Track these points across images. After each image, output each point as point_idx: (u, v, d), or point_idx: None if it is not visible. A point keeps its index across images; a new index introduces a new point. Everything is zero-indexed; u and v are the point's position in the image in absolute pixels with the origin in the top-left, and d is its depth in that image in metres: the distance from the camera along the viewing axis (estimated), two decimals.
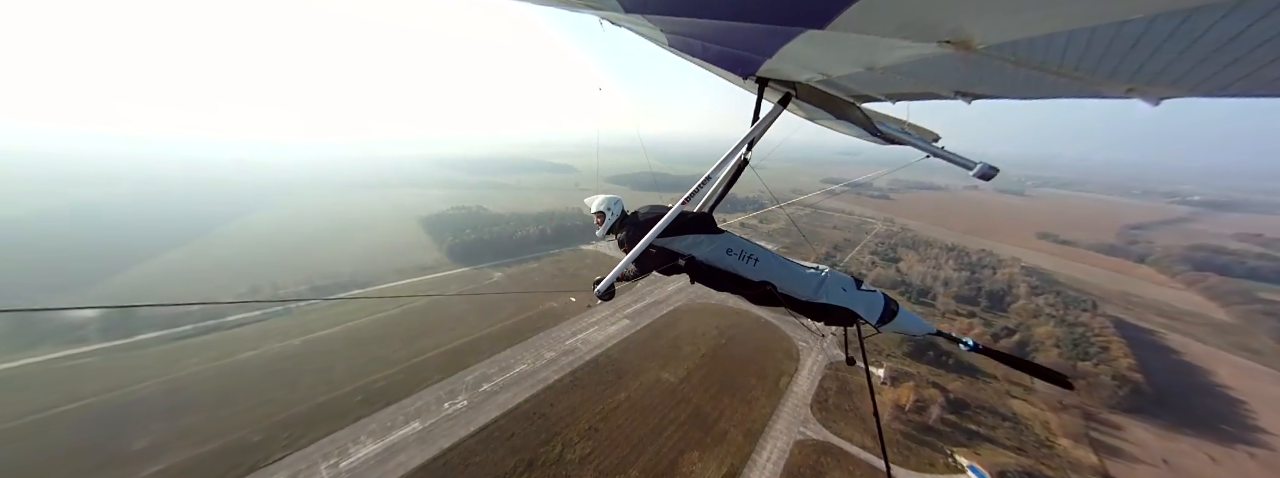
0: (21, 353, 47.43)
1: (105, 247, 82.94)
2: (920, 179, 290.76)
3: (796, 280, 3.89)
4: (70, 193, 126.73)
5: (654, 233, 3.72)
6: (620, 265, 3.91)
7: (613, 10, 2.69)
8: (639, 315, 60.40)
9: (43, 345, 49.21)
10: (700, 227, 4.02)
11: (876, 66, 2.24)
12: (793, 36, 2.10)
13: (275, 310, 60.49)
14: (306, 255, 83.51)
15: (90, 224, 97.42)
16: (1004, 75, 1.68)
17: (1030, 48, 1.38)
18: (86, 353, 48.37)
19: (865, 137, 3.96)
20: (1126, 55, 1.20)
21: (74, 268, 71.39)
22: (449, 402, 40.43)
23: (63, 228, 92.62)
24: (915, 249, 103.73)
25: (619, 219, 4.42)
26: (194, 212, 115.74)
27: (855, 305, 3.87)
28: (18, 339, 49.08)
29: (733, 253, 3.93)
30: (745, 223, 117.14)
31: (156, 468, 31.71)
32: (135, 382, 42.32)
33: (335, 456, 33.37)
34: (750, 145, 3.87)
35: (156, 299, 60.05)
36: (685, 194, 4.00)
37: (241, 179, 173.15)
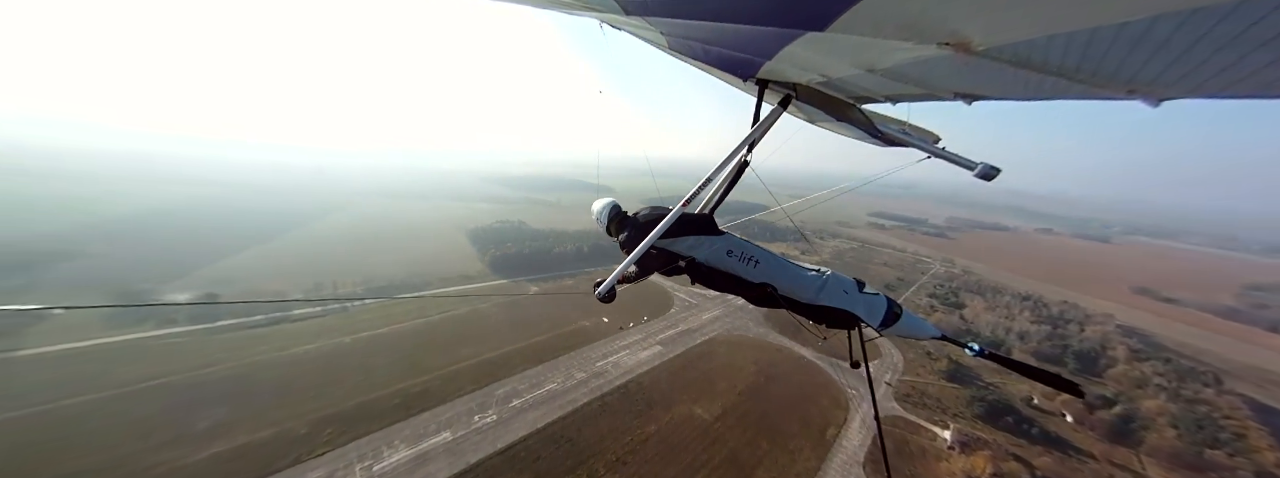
0: (129, 329, 54.12)
1: (202, 240, 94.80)
2: (983, 218, 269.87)
3: (797, 282, 3.87)
4: (175, 191, 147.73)
5: (655, 234, 3.73)
6: (621, 267, 3.91)
7: (613, 13, 2.69)
8: (672, 343, 58.77)
9: (146, 323, 55.99)
10: (701, 228, 4.03)
11: (876, 68, 2.23)
12: (793, 39, 2.07)
13: (333, 308, 65.22)
14: (364, 258, 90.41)
15: (190, 220, 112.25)
16: (1004, 77, 1.65)
17: (1030, 49, 1.37)
18: (177, 333, 54.23)
19: (866, 138, 3.93)
20: (1127, 56, 1.21)
21: (174, 258, 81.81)
22: (479, 414, 40.68)
23: (168, 223, 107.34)
24: (981, 295, 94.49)
25: (619, 221, 4.46)
26: (278, 213, 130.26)
27: (856, 308, 3.84)
28: (129, 315, 56.20)
29: (733, 254, 3.92)
30: (786, 253, 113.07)
31: (214, 450, 34.02)
32: (210, 365, 46.60)
33: (370, 458, 34.19)
34: (750, 147, 3.82)
35: (238, 291, 66.73)
36: (686, 196, 4.01)
37: (318, 185, 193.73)
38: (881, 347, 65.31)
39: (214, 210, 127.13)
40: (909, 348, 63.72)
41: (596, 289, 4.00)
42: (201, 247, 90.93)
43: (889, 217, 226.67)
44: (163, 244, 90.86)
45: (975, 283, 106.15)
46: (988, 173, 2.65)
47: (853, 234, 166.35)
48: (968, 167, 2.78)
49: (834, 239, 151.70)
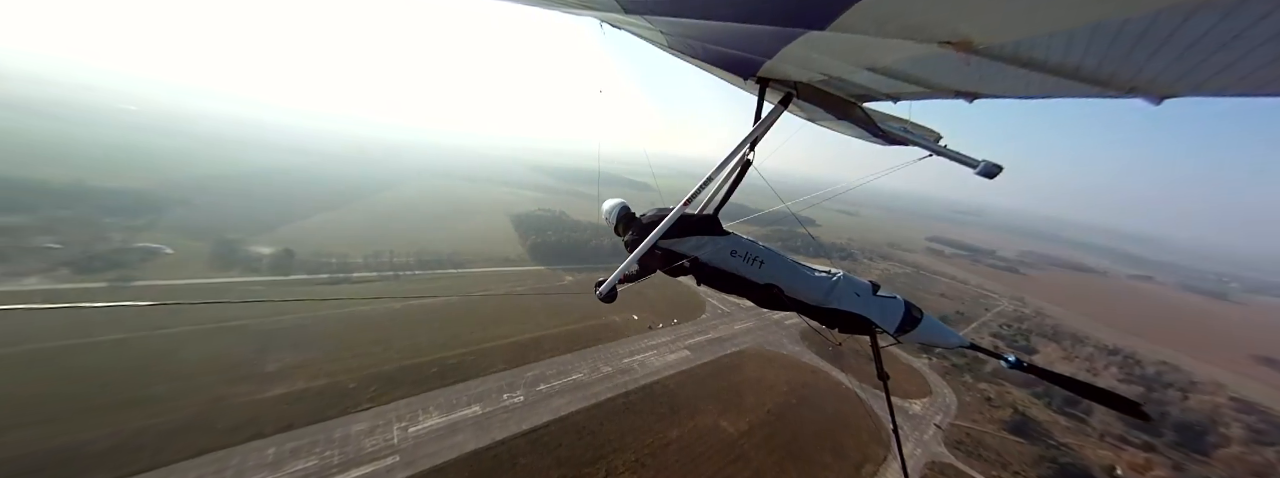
0: (222, 273, 61.37)
1: (286, 202, 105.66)
2: (1063, 255, 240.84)
3: (805, 284, 3.80)
4: (272, 157, 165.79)
5: (655, 234, 3.74)
6: (622, 267, 3.96)
7: (613, 12, 2.68)
8: (700, 350, 57.32)
9: (234, 268, 63.13)
10: (705, 228, 4.03)
11: (877, 67, 2.21)
12: (793, 38, 2.06)
13: (387, 274, 69.92)
14: (419, 233, 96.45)
15: (280, 183, 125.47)
16: (1005, 75, 1.66)
17: (1031, 47, 1.39)
18: (258, 281, 60.70)
19: (866, 137, 3.88)
20: (1128, 54, 1.22)
21: (261, 215, 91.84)
22: (508, 394, 41.78)
23: (262, 184, 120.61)
24: (1057, 341, 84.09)
25: (626, 222, 4.48)
26: (349, 183, 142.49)
27: (868, 312, 3.70)
28: (222, 262, 63.68)
29: (737, 255, 3.90)
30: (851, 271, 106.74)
31: (279, 391, 37.52)
32: (281, 313, 51.61)
33: (407, 419, 36.10)
34: (752, 145, 3.76)
35: (307, 251, 73.35)
36: (686, 196, 3.99)
37: (387, 160, 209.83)
38: (931, 383, 59.85)
39: (300, 176, 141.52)
40: (965, 390, 57.89)
41: (598, 288, 4.03)
42: (285, 207, 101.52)
43: (950, 243, 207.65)
44: (255, 202, 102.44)
45: (1050, 327, 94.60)
46: (990, 171, 2.57)
47: (906, 258, 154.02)
48: (970, 164, 2.70)
49: (884, 261, 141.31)
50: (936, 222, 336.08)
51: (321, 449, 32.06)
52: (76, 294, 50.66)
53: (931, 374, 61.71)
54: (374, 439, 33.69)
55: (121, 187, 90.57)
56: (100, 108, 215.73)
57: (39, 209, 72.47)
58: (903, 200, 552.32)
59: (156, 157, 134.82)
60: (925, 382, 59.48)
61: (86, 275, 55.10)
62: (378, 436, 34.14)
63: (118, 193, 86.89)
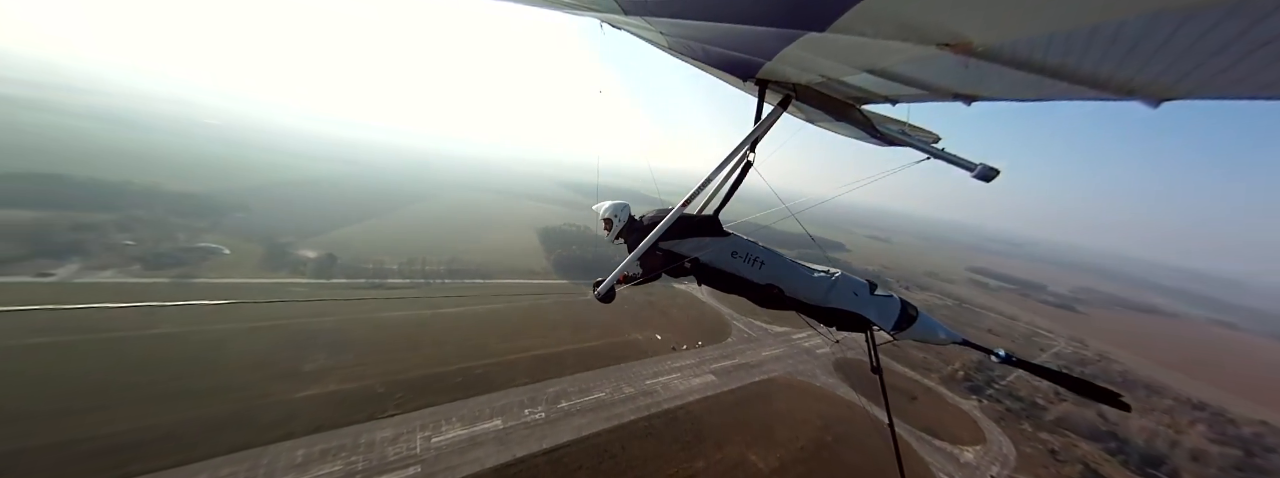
0: (271, 274, 65.16)
1: (333, 209, 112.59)
2: (1125, 294, 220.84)
3: (804, 284, 3.87)
4: (322, 166, 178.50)
5: (654, 235, 3.76)
6: (620, 267, 3.96)
7: (613, 13, 2.69)
8: (726, 375, 55.04)
9: (282, 270, 66.95)
10: (705, 229, 4.08)
11: (876, 69, 2.23)
12: (792, 39, 2.07)
13: (419, 281, 72.10)
14: (450, 243, 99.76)
15: (328, 191, 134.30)
16: (1003, 77, 1.68)
17: (1029, 49, 1.39)
18: (301, 283, 63.95)
19: (865, 138, 3.89)
20: (1126, 56, 1.22)
21: (310, 221, 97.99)
22: (529, 409, 41.22)
23: (312, 192, 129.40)
24: (1129, 391, 75.39)
25: (627, 224, 4.47)
26: (390, 192, 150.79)
27: (866, 311, 3.80)
28: (272, 263, 67.80)
29: (738, 255, 3.96)
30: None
31: (313, 391, 38.57)
32: (319, 315, 53.87)
33: (430, 429, 36.06)
34: (753, 145, 3.78)
35: (352, 255, 76.97)
36: (685, 197, 4.01)
37: (422, 172, 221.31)
38: (985, 429, 54.62)
39: (346, 186, 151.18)
40: (1024, 439, 52.51)
41: (595, 289, 4.06)
42: (331, 215, 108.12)
43: (995, 276, 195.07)
44: (304, 209, 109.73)
45: (1119, 375, 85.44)
46: (986, 174, 2.54)
47: (947, 290, 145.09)
48: (966, 167, 2.67)
49: (923, 292, 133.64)
50: (977, 252, 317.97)
51: (347, 454, 32.30)
52: (143, 289, 54.94)
53: (985, 419, 56.37)
54: (397, 447, 33.71)
55: (190, 191, 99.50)
56: (188, 120, 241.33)
57: (121, 209, 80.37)
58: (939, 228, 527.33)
59: (223, 165, 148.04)
60: (978, 427, 54.33)
61: (155, 271, 59.86)
62: (401, 444, 34.16)
63: (187, 197, 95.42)
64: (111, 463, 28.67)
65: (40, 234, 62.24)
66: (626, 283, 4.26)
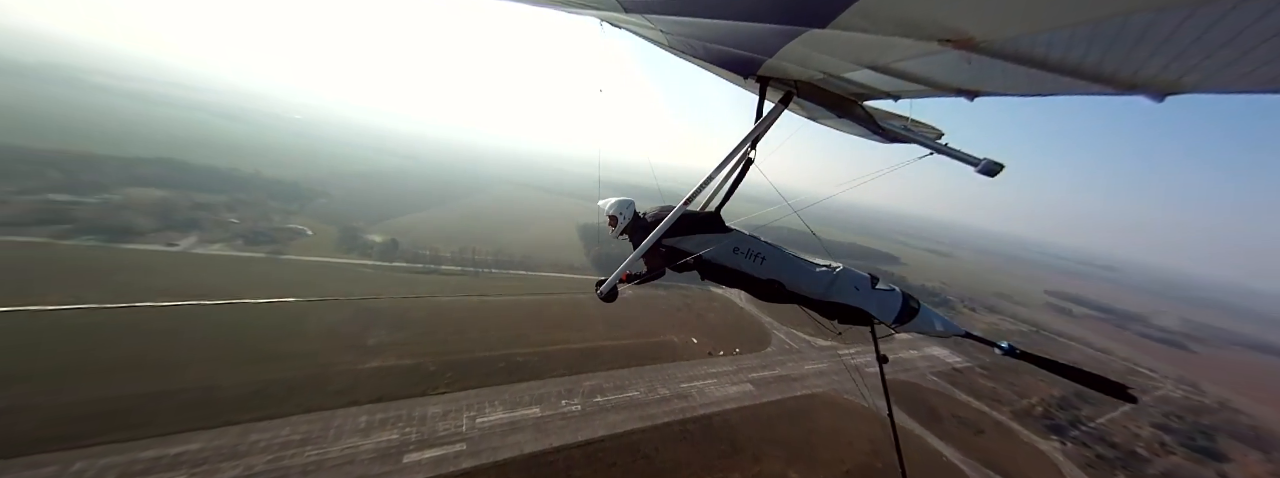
0: (345, 255, 72.28)
1: (397, 199, 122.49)
2: (1249, 332, 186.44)
3: (806, 278, 3.96)
4: (388, 160, 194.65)
5: (658, 232, 3.82)
6: (624, 265, 4.05)
7: (613, 11, 2.67)
8: (765, 386, 53.27)
9: (353, 252, 73.94)
10: (708, 226, 4.15)
11: (877, 65, 2.24)
12: (794, 36, 2.06)
13: (469, 269, 76.52)
14: (497, 235, 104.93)
15: (394, 182, 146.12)
16: (1006, 73, 1.68)
17: (1032, 45, 1.38)
18: (368, 265, 70.22)
19: (867, 135, 3.82)
20: (1130, 51, 1.22)
21: (378, 209, 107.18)
22: (566, 400, 42.38)
23: (381, 182, 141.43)
24: (1262, 450, 63.92)
25: (632, 221, 4.55)
26: (446, 185, 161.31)
27: (867, 305, 3.85)
28: (345, 245, 75.08)
29: (740, 251, 4.05)
30: None
31: (374, 364, 42.29)
32: (386, 291, 58.66)
33: (474, 410, 38.19)
34: (753, 143, 3.76)
35: (411, 241, 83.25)
36: (687, 195, 4.04)
37: (475, 167, 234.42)
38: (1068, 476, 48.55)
39: (407, 178, 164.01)
40: None
41: (598, 288, 4.13)
42: (395, 204, 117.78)
43: (1080, 301, 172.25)
44: (374, 197, 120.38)
45: (1247, 428, 72.46)
46: (991, 168, 2.51)
47: (1021, 314, 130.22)
48: (970, 162, 2.64)
49: (991, 314, 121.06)
50: (1055, 273, 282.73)
51: (403, 425, 35.08)
52: (244, 262, 63.04)
53: (1068, 464, 49.95)
54: (446, 424, 36.08)
55: (282, 177, 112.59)
56: (275, 115, 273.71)
57: (228, 191, 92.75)
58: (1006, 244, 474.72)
59: (306, 155, 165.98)
60: (1059, 474, 48.33)
61: (253, 247, 68.54)
62: (449, 421, 36.53)
63: (280, 183, 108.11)
64: (213, 412, 33.20)
65: (167, 210, 73.38)
66: (629, 282, 4.33)
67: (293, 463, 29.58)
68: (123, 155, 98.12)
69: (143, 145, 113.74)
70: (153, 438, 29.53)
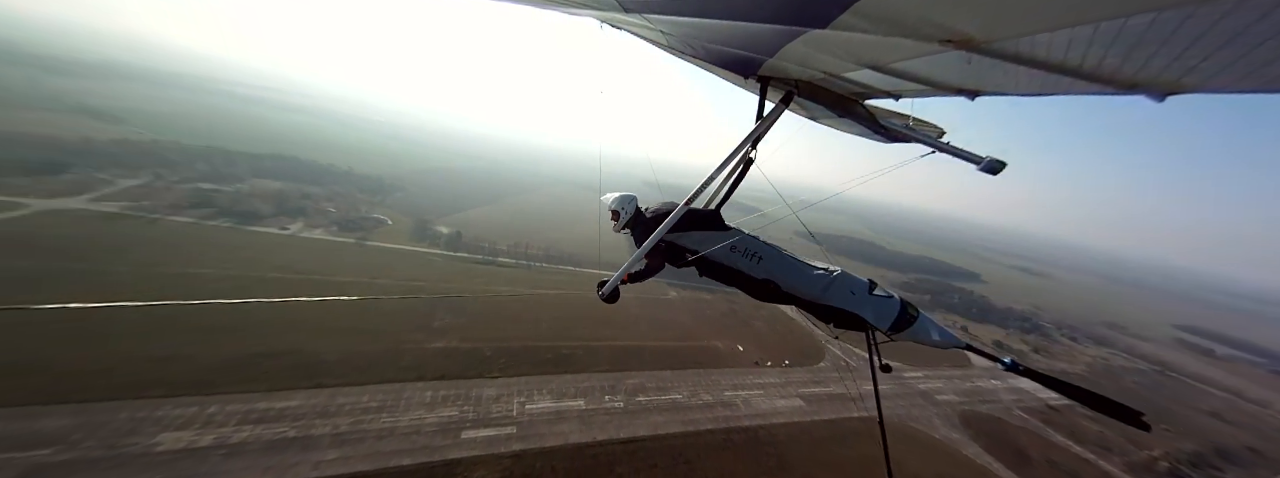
0: (417, 243, 79.56)
1: (461, 195, 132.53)
2: None
3: (801, 280, 4.00)
4: (455, 161, 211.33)
5: (661, 230, 3.88)
6: (628, 263, 4.19)
7: (613, 11, 2.69)
8: (817, 404, 50.25)
9: (424, 241, 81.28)
10: (708, 224, 4.20)
11: (878, 65, 2.24)
12: (794, 36, 2.07)
13: (522, 263, 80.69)
14: (547, 231, 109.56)
15: (461, 180, 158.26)
16: (1007, 73, 1.68)
17: (1033, 45, 1.39)
18: (436, 254, 76.76)
19: (868, 134, 3.83)
20: (1130, 51, 1.23)
21: (444, 203, 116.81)
22: (609, 396, 43.16)
23: (448, 179, 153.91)
24: None
25: (633, 217, 4.57)
26: (506, 183, 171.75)
27: (862, 310, 3.89)
28: (418, 235, 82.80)
29: (737, 250, 4.08)
30: None
31: (439, 345, 46.25)
32: (446, 281, 63.89)
33: (524, 396, 40.20)
34: (754, 143, 3.81)
35: (473, 234, 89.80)
36: (691, 193, 4.13)
37: (531, 166, 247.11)
38: None
39: (471, 175, 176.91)
40: None
41: (600, 289, 4.16)
42: (461, 199, 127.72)
43: (1223, 340, 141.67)
44: (441, 193, 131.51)
45: None
46: (993, 167, 2.52)
47: (1140, 350, 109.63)
48: (973, 161, 2.66)
49: (1098, 347, 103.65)
50: (1185, 302, 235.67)
51: (461, 404, 37.88)
52: (339, 246, 71.89)
53: None
54: (499, 406, 38.37)
55: (368, 173, 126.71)
56: (361, 117, 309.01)
57: (327, 184, 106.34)
58: (1115, 265, 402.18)
59: (387, 153, 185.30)
60: None
61: (346, 233, 78.00)
62: (502, 404, 38.79)
63: (367, 177, 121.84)
64: (308, 375, 38.14)
65: (282, 199, 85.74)
66: (632, 281, 4.35)
67: (370, 428, 33.15)
68: (250, 151, 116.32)
69: (265, 143, 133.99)
70: (262, 393, 34.66)
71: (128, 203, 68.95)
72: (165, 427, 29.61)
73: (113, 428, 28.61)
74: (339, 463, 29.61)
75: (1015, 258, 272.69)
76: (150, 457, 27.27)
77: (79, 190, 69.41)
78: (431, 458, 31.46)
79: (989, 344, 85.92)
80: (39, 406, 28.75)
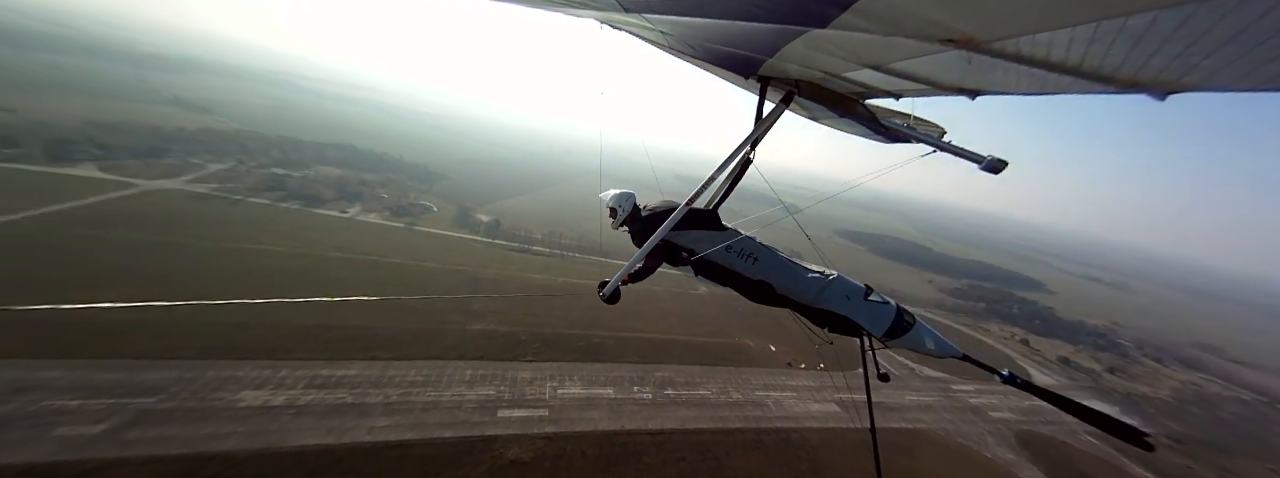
0: (459, 230, 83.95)
1: (499, 184, 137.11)
2: None
3: (796, 283, 4.01)
4: (495, 150, 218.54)
5: (663, 230, 3.91)
6: (630, 263, 4.20)
7: (613, 11, 2.69)
8: (854, 410, 48.07)
9: (465, 228, 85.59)
10: (705, 223, 4.27)
11: (879, 65, 2.25)
12: (795, 36, 2.09)
13: (555, 251, 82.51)
14: (579, 221, 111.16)
15: (499, 169, 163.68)
16: (1007, 72, 1.70)
17: (1033, 45, 1.39)
18: (478, 240, 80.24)
19: (869, 134, 3.88)
20: (1131, 51, 1.23)
21: (484, 192, 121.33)
22: (638, 387, 43.55)
23: (488, 169, 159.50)
24: None
25: (631, 214, 4.74)
26: (540, 174, 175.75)
27: (856, 315, 3.88)
28: (460, 221, 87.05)
29: (733, 250, 4.11)
30: None
31: (478, 327, 48.74)
32: (486, 266, 66.64)
33: (555, 381, 41.40)
34: (753, 145, 3.89)
35: (510, 222, 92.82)
36: (692, 193, 4.23)
37: (565, 157, 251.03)
38: None
39: (509, 165, 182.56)
40: None
41: (601, 290, 4.30)
42: (499, 188, 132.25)
43: None
44: (482, 181, 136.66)
45: None
46: (995, 166, 2.54)
47: (1241, 377, 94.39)
48: (975, 160, 2.67)
49: (1185, 370, 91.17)
50: None
51: (498, 384, 39.58)
52: (391, 229, 76.78)
53: None
54: (532, 389, 39.74)
55: (418, 162, 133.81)
56: (410, 110, 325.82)
57: (381, 171, 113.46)
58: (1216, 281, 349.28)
59: (433, 143, 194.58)
60: None
61: (397, 218, 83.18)
62: (535, 387, 40.14)
63: (416, 166, 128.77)
64: (364, 347, 41.17)
65: (342, 185, 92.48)
66: (632, 281, 4.36)
67: (416, 400, 35.41)
68: (316, 140, 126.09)
69: (329, 132, 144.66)
70: (324, 361, 37.86)
71: (216, 185, 77.03)
72: (245, 386, 33.11)
73: (203, 383, 32.37)
74: (389, 430, 31.91)
75: (1085, 266, 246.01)
76: (234, 411, 30.65)
77: (177, 173, 78.30)
78: (470, 432, 33.19)
79: (1053, 361, 78.46)
80: (148, 359, 33.01)
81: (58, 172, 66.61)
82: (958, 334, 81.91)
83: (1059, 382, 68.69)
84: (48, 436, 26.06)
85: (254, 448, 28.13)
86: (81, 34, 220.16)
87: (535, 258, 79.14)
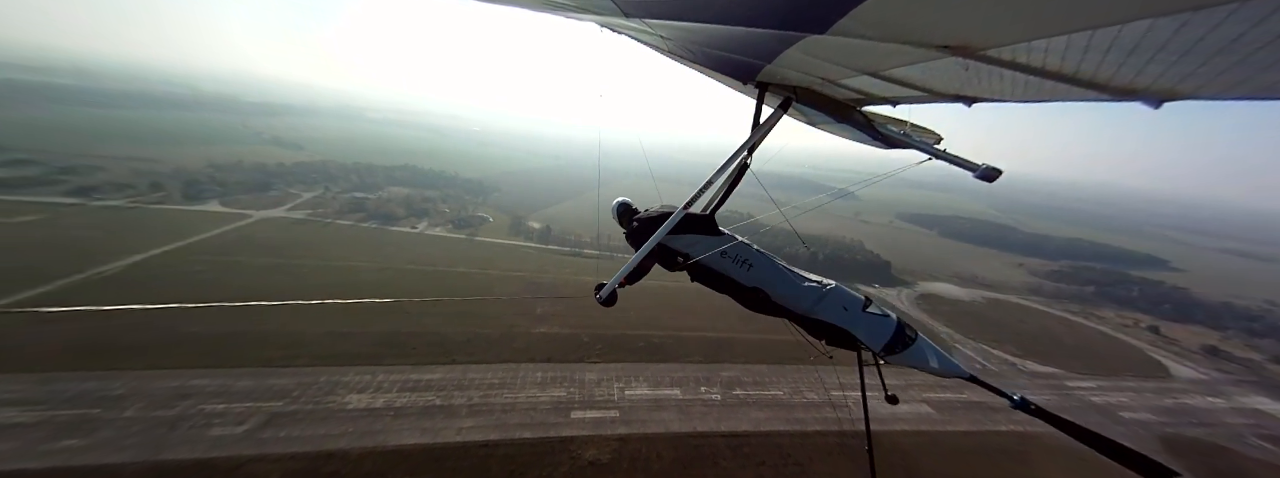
0: (512, 237, 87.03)
1: (545, 193, 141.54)
2: None
3: (792, 292, 3.98)
4: (538, 161, 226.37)
5: (659, 234, 3.88)
6: (626, 267, 4.11)
7: (613, 15, 2.72)
8: (950, 411, 43.29)
9: (519, 235, 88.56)
10: (701, 228, 4.28)
11: (877, 71, 2.28)
12: (793, 42, 2.12)
13: (605, 253, 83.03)
14: None
15: (543, 179, 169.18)
16: (1003, 79, 1.72)
17: (1030, 52, 1.41)
18: (530, 247, 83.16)
19: (866, 140, 3.97)
20: (1127, 58, 1.24)
21: (531, 201, 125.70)
22: (705, 387, 42.18)
23: (532, 179, 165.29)
24: None
25: (627, 218, 4.86)
26: (585, 179, 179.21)
27: (854, 328, 3.79)
28: (514, 230, 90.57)
29: (728, 256, 4.13)
30: None
31: (543, 330, 49.86)
32: (543, 271, 68.48)
33: (621, 382, 41.15)
34: (751, 150, 3.93)
35: (560, 228, 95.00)
36: (689, 197, 4.28)
37: (607, 161, 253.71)
38: None
39: (554, 174, 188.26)
40: None
41: (598, 293, 4.12)
42: (546, 196, 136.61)
43: None
44: (530, 191, 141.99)
45: None
46: (989, 174, 2.54)
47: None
48: (969, 168, 2.67)
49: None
50: None
51: (567, 385, 40.17)
52: (454, 241, 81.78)
53: None
54: (601, 390, 39.88)
55: (472, 177, 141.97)
56: (462, 130, 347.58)
57: (442, 188, 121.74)
58: None
59: (484, 159, 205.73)
60: None
61: (458, 230, 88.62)
62: (603, 388, 40.25)
63: (470, 181, 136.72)
64: (444, 353, 43.73)
65: (410, 203, 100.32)
66: (629, 284, 4.24)
67: (495, 401, 36.87)
68: (385, 164, 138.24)
69: (393, 156, 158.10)
70: (412, 366, 40.65)
71: (309, 211, 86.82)
72: (351, 390, 36.38)
73: (317, 388, 36.01)
74: (475, 431, 33.45)
75: (1222, 239, 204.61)
76: (345, 413, 33.75)
77: (280, 202, 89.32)
78: (548, 434, 33.90)
79: (1197, 351, 65.45)
80: (273, 367, 37.35)
81: (191, 209, 78.75)
82: (1064, 323, 71.13)
83: (1209, 376, 56.86)
84: (206, 435, 30.28)
85: (364, 447, 30.73)
86: (198, 92, 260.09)
87: (586, 261, 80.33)
